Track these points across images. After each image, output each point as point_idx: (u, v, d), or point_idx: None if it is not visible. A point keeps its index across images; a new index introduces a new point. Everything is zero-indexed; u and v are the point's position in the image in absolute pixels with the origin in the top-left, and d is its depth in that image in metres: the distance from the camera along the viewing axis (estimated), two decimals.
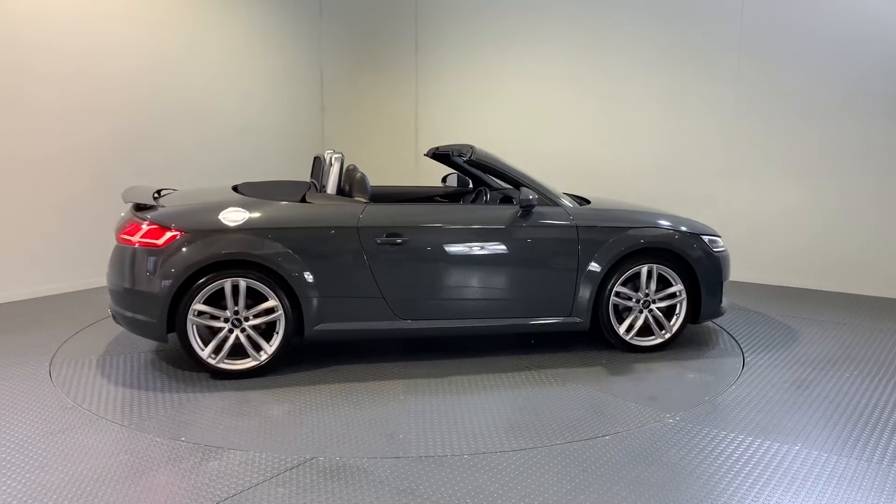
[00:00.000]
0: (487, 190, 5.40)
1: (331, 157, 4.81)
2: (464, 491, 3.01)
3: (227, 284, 4.20)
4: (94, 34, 6.68)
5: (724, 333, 5.36)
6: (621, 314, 4.85)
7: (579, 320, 4.76)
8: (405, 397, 4.07)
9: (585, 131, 8.04)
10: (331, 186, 4.72)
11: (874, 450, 3.43)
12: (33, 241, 6.41)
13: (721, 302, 5.00)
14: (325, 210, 4.50)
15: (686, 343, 5.11)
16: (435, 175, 6.54)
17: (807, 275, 6.98)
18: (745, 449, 3.42)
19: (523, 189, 4.71)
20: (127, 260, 4.29)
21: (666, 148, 7.60)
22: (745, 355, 4.85)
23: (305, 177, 5.82)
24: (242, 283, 4.22)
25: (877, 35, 6.41)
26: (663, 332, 4.89)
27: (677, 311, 4.90)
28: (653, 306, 4.85)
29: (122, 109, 6.96)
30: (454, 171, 5.93)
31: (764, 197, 7.14)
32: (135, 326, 4.35)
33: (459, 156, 5.03)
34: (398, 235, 4.46)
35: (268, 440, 3.50)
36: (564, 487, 3.04)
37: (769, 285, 7.05)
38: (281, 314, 4.28)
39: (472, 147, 4.92)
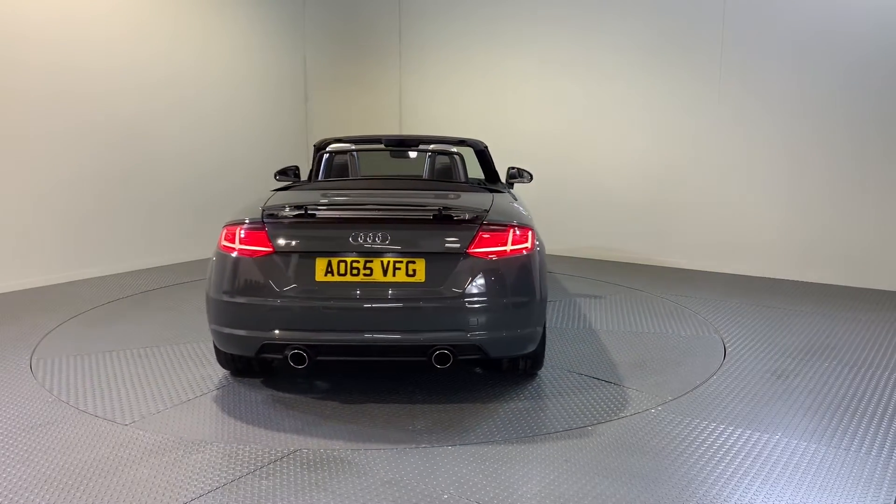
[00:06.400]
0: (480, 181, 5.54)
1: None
2: (448, 481, 3.02)
3: None
4: (79, 31, 6.63)
5: (706, 324, 5.41)
6: None
7: None
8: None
9: (567, 122, 8.05)
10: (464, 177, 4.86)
11: (852, 439, 3.48)
12: (13, 233, 6.33)
13: None
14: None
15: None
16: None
17: (786, 266, 7.05)
18: (726, 438, 3.46)
19: (510, 170, 5.55)
20: (510, 272, 3.76)
21: (648, 142, 7.63)
22: (727, 346, 4.90)
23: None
24: None
25: (864, 29, 6.47)
26: None
27: None
28: None
29: (105, 105, 6.91)
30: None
31: (745, 189, 7.19)
32: (512, 343, 3.83)
33: (462, 144, 5.42)
34: None
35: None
36: (547, 477, 3.06)
37: (749, 276, 7.11)
38: None
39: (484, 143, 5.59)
